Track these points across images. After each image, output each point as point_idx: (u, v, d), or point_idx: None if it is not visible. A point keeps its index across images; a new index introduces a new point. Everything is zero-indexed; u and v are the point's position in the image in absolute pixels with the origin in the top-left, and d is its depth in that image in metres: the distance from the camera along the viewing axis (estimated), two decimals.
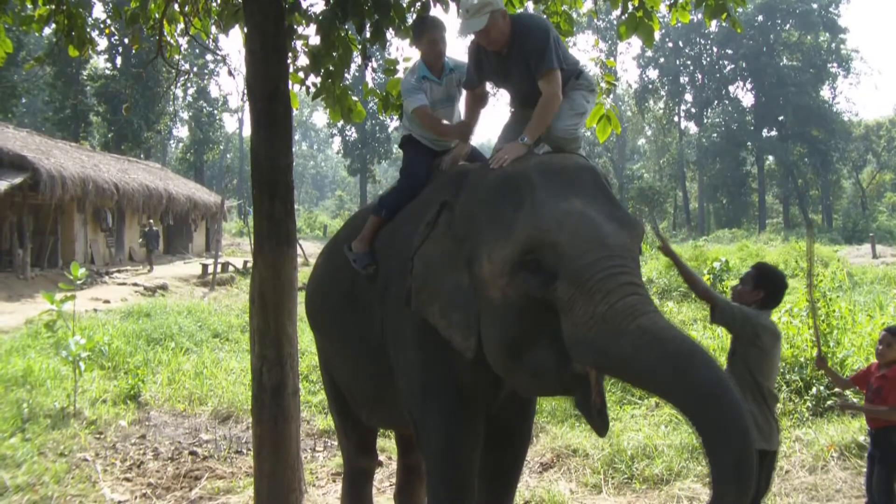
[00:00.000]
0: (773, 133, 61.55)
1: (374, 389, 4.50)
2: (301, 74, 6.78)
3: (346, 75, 6.93)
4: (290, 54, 6.35)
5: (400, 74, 6.47)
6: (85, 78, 42.36)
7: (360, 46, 6.76)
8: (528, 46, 4.12)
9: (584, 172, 3.63)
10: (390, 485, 6.48)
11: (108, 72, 43.59)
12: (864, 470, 5.31)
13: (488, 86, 4.64)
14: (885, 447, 4.90)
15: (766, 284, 4.54)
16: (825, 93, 61.18)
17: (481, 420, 3.93)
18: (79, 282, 8.67)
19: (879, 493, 4.89)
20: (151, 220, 27.22)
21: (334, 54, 6.48)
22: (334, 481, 6.77)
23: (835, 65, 60.97)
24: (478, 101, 4.61)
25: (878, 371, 4.99)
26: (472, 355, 3.57)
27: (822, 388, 7.78)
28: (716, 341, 9.67)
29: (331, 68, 6.59)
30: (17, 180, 19.22)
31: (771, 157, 62.24)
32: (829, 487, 6.05)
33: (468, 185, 3.85)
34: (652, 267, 19.06)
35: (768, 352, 4.35)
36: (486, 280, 3.50)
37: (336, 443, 7.88)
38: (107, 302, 17.17)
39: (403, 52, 14.34)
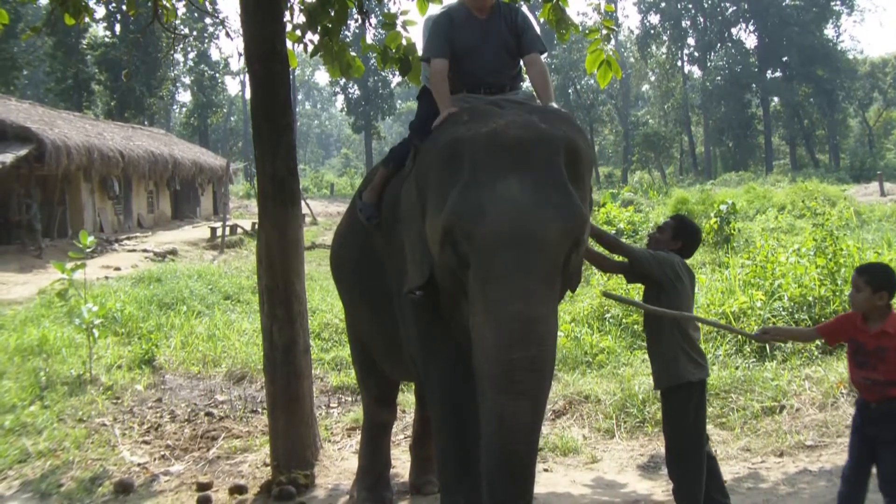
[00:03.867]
0: (778, 74, 60.99)
1: (392, 341, 4.53)
2: (298, 32, 6.76)
3: (345, 31, 6.90)
4: (286, 13, 6.33)
5: (399, 28, 6.44)
6: (85, 47, 42.18)
7: (356, 2, 6.74)
8: (518, 20, 4.31)
9: (539, 147, 3.47)
10: (405, 437, 6.55)
11: (107, 39, 43.42)
12: None
13: None
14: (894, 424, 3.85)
15: (684, 236, 4.58)
16: (829, 31, 60.51)
17: None
18: (88, 250, 8.72)
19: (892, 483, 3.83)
20: (31, 198, 20.62)
21: (330, 11, 6.46)
22: (349, 436, 6.84)
23: (838, 2, 60.21)
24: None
25: (866, 325, 3.91)
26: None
27: None
28: (723, 283, 9.70)
29: (328, 25, 6.57)
30: (23, 152, 19.21)
31: (776, 99, 61.76)
32: (840, 423, 6.09)
33: (431, 139, 3.83)
34: (659, 213, 19.05)
35: (685, 290, 4.42)
36: (428, 237, 3.67)
37: (349, 398, 7.97)
38: (117, 269, 17.23)
39: (401, 4, 14.26)
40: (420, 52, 6.33)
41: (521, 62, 4.42)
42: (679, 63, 66.42)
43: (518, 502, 3.31)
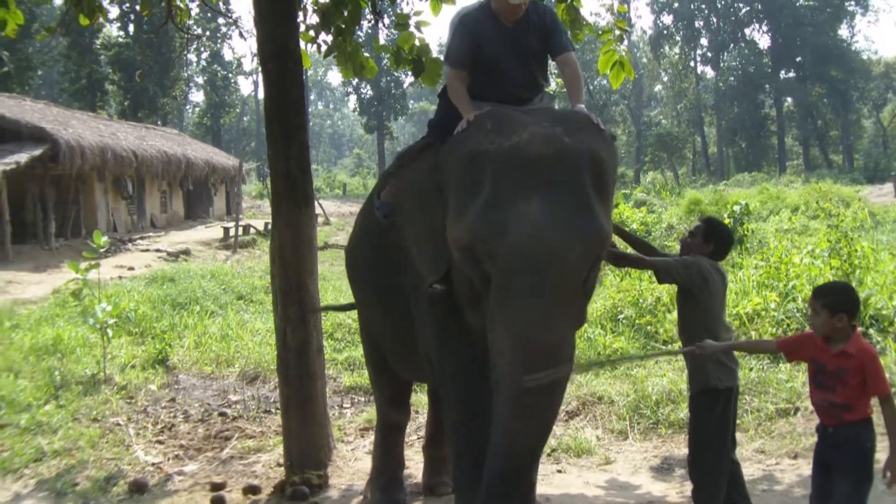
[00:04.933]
0: (791, 74, 60.73)
1: (406, 341, 4.53)
2: (311, 33, 6.76)
3: (359, 32, 6.90)
4: (299, 13, 6.33)
5: (412, 29, 6.43)
6: (99, 47, 42.30)
7: (369, 2, 6.74)
8: (547, 21, 4.22)
9: (563, 161, 3.45)
10: (418, 438, 6.55)
11: (121, 40, 43.55)
12: None
13: None
14: (850, 450, 3.67)
15: (715, 239, 4.55)
16: (843, 31, 60.25)
17: None
18: (102, 250, 8.75)
19: None
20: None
21: (344, 11, 6.46)
22: (363, 437, 6.85)
23: (852, 2, 59.93)
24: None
25: (828, 346, 3.71)
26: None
27: None
28: (737, 284, 9.68)
29: (341, 25, 6.57)
30: (37, 152, 19.28)
31: (789, 99, 61.48)
32: None
33: (453, 143, 3.81)
34: (672, 213, 19.00)
35: (715, 293, 4.40)
36: (448, 238, 3.69)
37: (363, 399, 7.97)
38: (131, 269, 17.28)
39: (414, 5, 14.09)
40: (433, 54, 6.35)
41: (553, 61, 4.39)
42: (692, 63, 66.22)
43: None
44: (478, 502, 3.49)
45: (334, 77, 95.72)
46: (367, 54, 6.94)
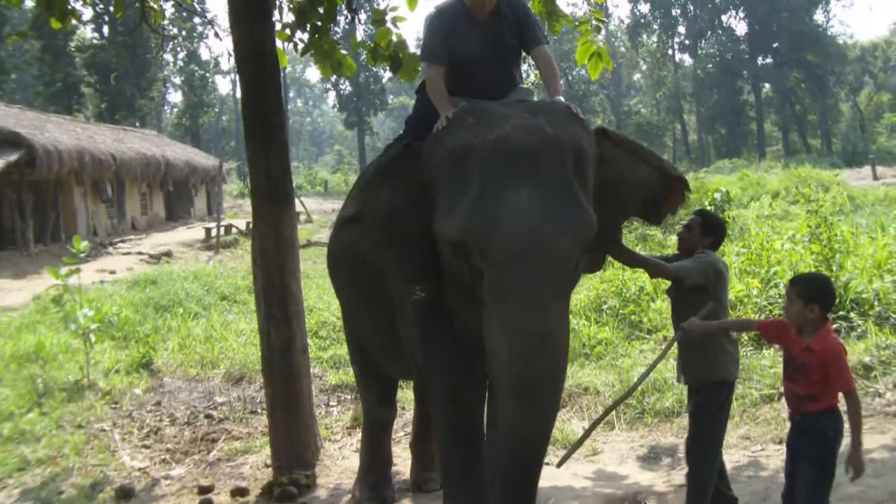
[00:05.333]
0: (769, 60, 60.92)
1: (390, 340, 4.53)
2: (287, 31, 6.73)
3: (336, 28, 6.87)
4: (275, 12, 6.30)
5: (388, 25, 6.41)
6: (73, 49, 41.95)
7: None
8: (520, 15, 4.25)
9: (547, 154, 3.47)
10: (405, 434, 6.54)
11: (95, 41, 43.16)
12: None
13: None
14: (813, 439, 3.72)
15: (712, 231, 4.58)
16: (819, 17, 60.42)
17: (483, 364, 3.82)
18: (82, 254, 8.69)
19: (805, 496, 3.74)
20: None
21: (319, 9, 6.43)
22: (349, 435, 6.84)
23: None
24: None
25: (800, 337, 3.74)
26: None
27: None
28: None
29: (317, 23, 6.54)
30: (13, 157, 19.10)
31: (767, 85, 61.71)
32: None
33: (435, 140, 3.81)
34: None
35: (725, 285, 4.47)
36: (437, 236, 3.69)
37: (349, 397, 7.96)
38: (112, 272, 17.17)
39: (390, 1, 13.98)
40: (411, 49, 6.34)
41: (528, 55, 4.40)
42: (670, 51, 66.40)
43: (526, 498, 3.47)
44: (493, 499, 3.54)
45: (313, 74, 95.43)
46: (344, 51, 6.91)
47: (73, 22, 7.15)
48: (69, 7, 6.85)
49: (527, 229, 3.29)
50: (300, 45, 6.78)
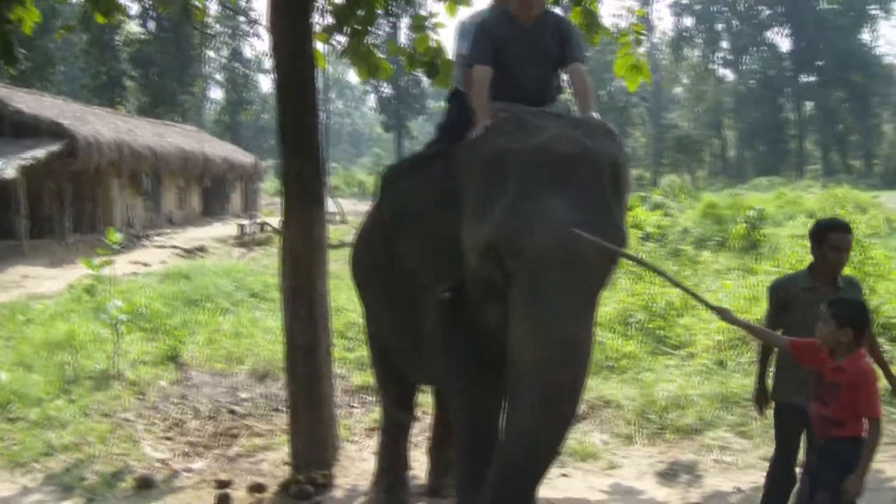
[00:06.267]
0: (812, 78, 60.49)
1: (413, 344, 4.55)
2: (326, 34, 6.78)
3: (378, 32, 6.93)
4: (314, 14, 6.35)
5: (428, 31, 6.45)
6: (119, 43, 42.49)
7: (384, 4, 6.75)
8: (563, 27, 4.29)
9: (582, 163, 3.48)
10: (425, 439, 6.55)
11: (142, 36, 43.73)
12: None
13: None
14: (835, 466, 3.66)
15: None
16: (865, 35, 59.97)
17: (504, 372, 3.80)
18: (117, 246, 8.81)
19: None
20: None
21: (359, 12, 6.48)
22: (370, 436, 6.85)
23: (875, 6, 59.58)
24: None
25: (830, 357, 3.69)
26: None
27: None
28: (749, 290, 9.66)
29: (356, 27, 6.59)
30: (55, 148, 19.44)
31: (809, 103, 61.21)
32: None
33: (472, 146, 3.81)
34: (688, 217, 18.92)
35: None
36: (465, 243, 3.70)
37: (372, 398, 7.98)
38: (146, 265, 17.36)
39: (430, 7, 14.22)
40: (449, 55, 6.36)
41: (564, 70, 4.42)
42: (712, 66, 66.02)
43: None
44: (487, 494, 3.53)
45: (354, 76, 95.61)
46: (381, 55, 6.95)
47: (119, 17, 7.25)
48: (115, 2, 6.96)
49: (562, 234, 3.30)
50: (338, 48, 6.84)
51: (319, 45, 6.58)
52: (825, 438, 3.74)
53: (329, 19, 6.76)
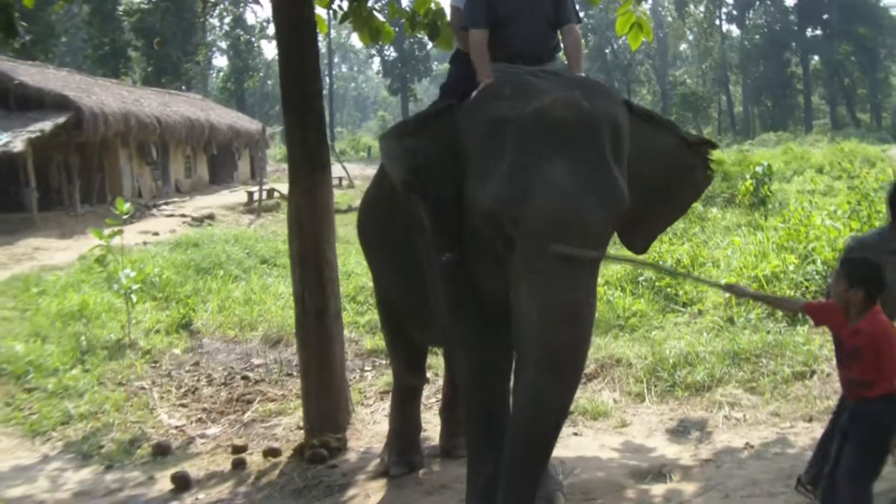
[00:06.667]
0: (818, 32, 59.85)
1: (421, 306, 4.55)
2: None
3: None
4: None
5: None
6: (121, 13, 42.22)
7: None
8: None
9: (584, 127, 3.45)
10: (436, 401, 6.60)
11: (143, 6, 43.41)
12: None
13: None
14: (866, 424, 3.58)
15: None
16: None
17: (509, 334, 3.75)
18: (126, 216, 8.85)
19: (847, 479, 3.61)
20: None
21: None
22: (382, 399, 6.92)
23: None
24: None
25: (847, 321, 3.62)
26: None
27: None
28: (757, 246, 9.67)
29: None
30: (61, 120, 19.42)
31: (816, 57, 60.65)
32: None
33: (471, 109, 3.79)
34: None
35: None
36: (467, 206, 3.69)
37: (384, 362, 8.04)
38: (156, 234, 17.40)
39: None
40: (448, 18, 6.33)
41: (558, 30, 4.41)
42: (717, 22, 65.39)
43: (536, 470, 3.51)
44: (501, 464, 3.52)
45: (357, 39, 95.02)
46: (382, 19, 6.92)
47: None
48: None
49: (561, 201, 3.31)
50: (339, 12, 6.81)
51: (321, 11, 6.56)
52: (855, 400, 3.67)
53: None
